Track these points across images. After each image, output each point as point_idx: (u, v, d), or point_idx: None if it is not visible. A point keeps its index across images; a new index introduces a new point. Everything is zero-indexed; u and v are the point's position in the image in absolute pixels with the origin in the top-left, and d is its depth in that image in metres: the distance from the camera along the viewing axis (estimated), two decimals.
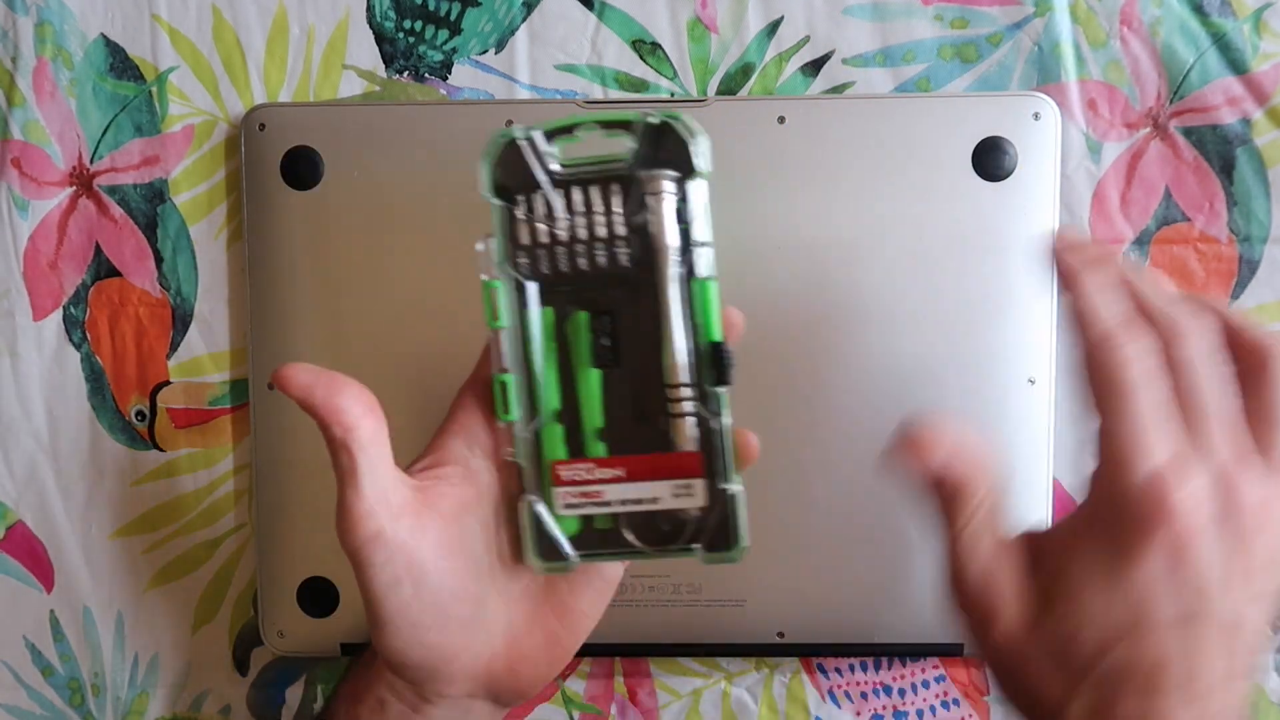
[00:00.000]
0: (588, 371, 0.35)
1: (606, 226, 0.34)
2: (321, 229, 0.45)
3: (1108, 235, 0.46)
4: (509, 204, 0.34)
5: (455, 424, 0.36)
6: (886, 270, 0.44)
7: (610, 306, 0.34)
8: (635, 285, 0.34)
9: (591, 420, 0.35)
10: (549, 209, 0.34)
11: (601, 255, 0.34)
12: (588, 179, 0.34)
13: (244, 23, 0.46)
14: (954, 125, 0.44)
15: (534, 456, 0.35)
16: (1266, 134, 0.45)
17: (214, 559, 0.48)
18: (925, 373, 0.44)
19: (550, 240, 0.34)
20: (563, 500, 0.35)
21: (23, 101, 0.47)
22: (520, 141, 0.34)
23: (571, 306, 0.35)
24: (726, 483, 0.34)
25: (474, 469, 0.35)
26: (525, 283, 0.34)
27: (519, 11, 0.46)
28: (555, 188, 0.34)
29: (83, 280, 0.48)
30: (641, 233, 0.34)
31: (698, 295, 0.34)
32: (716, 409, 0.34)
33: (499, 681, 0.36)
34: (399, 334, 0.45)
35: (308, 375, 0.33)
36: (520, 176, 0.34)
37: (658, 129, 0.33)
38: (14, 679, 0.49)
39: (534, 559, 0.35)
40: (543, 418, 0.35)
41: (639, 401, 0.35)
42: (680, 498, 0.34)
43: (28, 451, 0.48)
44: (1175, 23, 0.45)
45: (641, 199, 0.34)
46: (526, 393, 0.35)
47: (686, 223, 0.34)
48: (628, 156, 0.34)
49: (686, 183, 0.34)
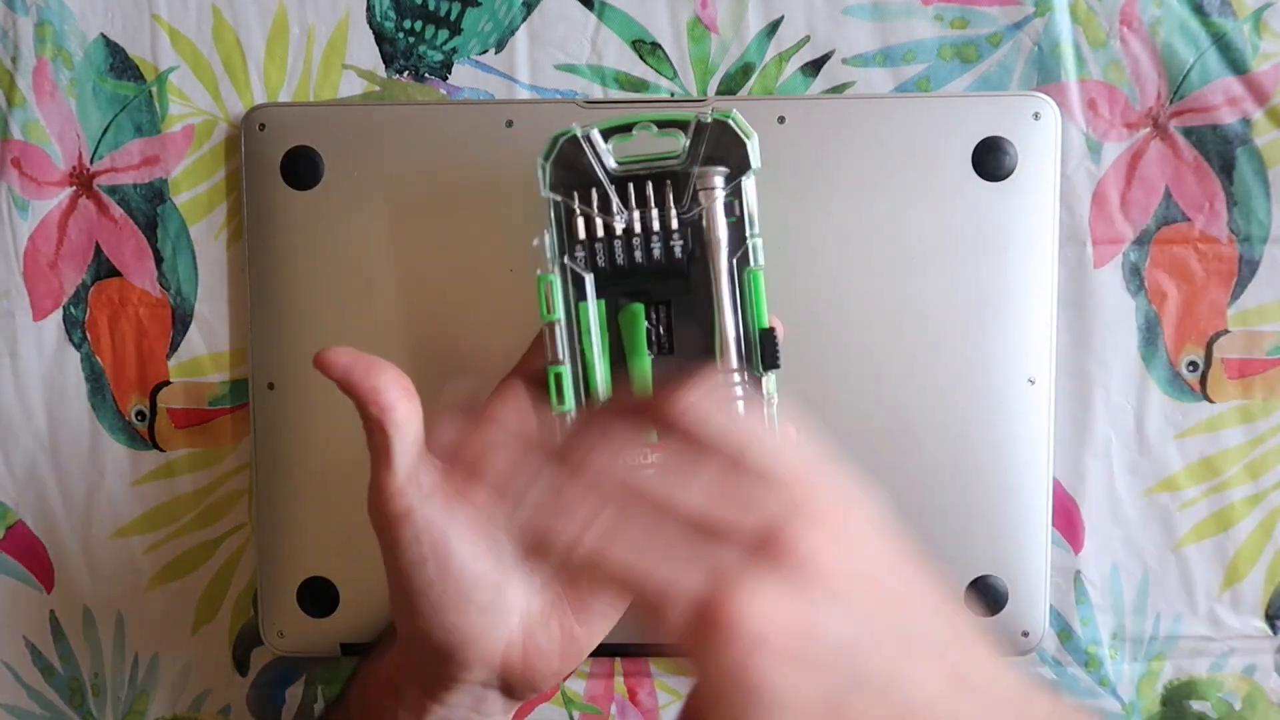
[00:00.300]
0: (642, 360, 0.36)
1: (660, 220, 0.36)
2: (321, 229, 0.45)
3: (1108, 235, 0.46)
4: (566, 199, 0.36)
5: (491, 413, 0.37)
6: (886, 270, 0.44)
7: (663, 297, 0.36)
8: (687, 277, 0.36)
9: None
10: (606, 203, 0.36)
11: (657, 248, 0.36)
12: (642, 175, 0.36)
13: (244, 23, 0.46)
14: (954, 125, 0.44)
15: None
16: (1266, 134, 0.45)
17: (214, 559, 0.48)
18: (925, 373, 0.44)
19: (606, 233, 0.36)
20: None
21: (23, 101, 0.47)
22: (580, 138, 0.36)
23: (625, 299, 0.36)
24: None
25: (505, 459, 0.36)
26: (583, 275, 0.36)
27: (519, 11, 0.46)
28: (611, 183, 0.36)
29: (83, 280, 0.48)
30: (694, 226, 0.36)
31: (749, 285, 0.36)
32: (765, 393, 0.36)
33: (513, 672, 0.36)
34: (399, 333, 0.45)
35: (348, 357, 0.35)
36: (578, 172, 0.36)
37: (714, 128, 0.35)
38: (14, 679, 0.49)
39: None
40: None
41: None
42: None
43: (28, 451, 0.48)
44: (1175, 23, 0.45)
45: (695, 194, 0.36)
46: (581, 383, 0.36)
47: (736, 216, 0.36)
48: (680, 154, 0.36)
49: (740, 179, 0.36)
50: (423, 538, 0.34)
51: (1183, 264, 0.46)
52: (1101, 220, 0.46)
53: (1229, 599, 0.47)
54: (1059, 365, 0.45)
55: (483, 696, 0.37)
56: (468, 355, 0.45)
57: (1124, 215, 0.46)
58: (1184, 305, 0.46)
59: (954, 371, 0.44)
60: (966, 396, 0.44)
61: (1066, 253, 0.46)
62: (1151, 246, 0.46)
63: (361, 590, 0.46)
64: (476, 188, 0.44)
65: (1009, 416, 0.45)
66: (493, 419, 0.37)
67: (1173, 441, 0.47)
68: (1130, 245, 0.46)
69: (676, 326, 0.36)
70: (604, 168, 0.36)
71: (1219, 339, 0.46)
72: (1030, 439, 0.45)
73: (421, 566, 0.34)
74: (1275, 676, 0.47)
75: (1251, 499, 0.46)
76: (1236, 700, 0.48)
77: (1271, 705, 0.47)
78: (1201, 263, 0.46)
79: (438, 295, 0.45)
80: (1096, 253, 0.46)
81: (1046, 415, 0.45)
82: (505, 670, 0.36)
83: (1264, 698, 0.47)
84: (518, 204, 0.44)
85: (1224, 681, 0.48)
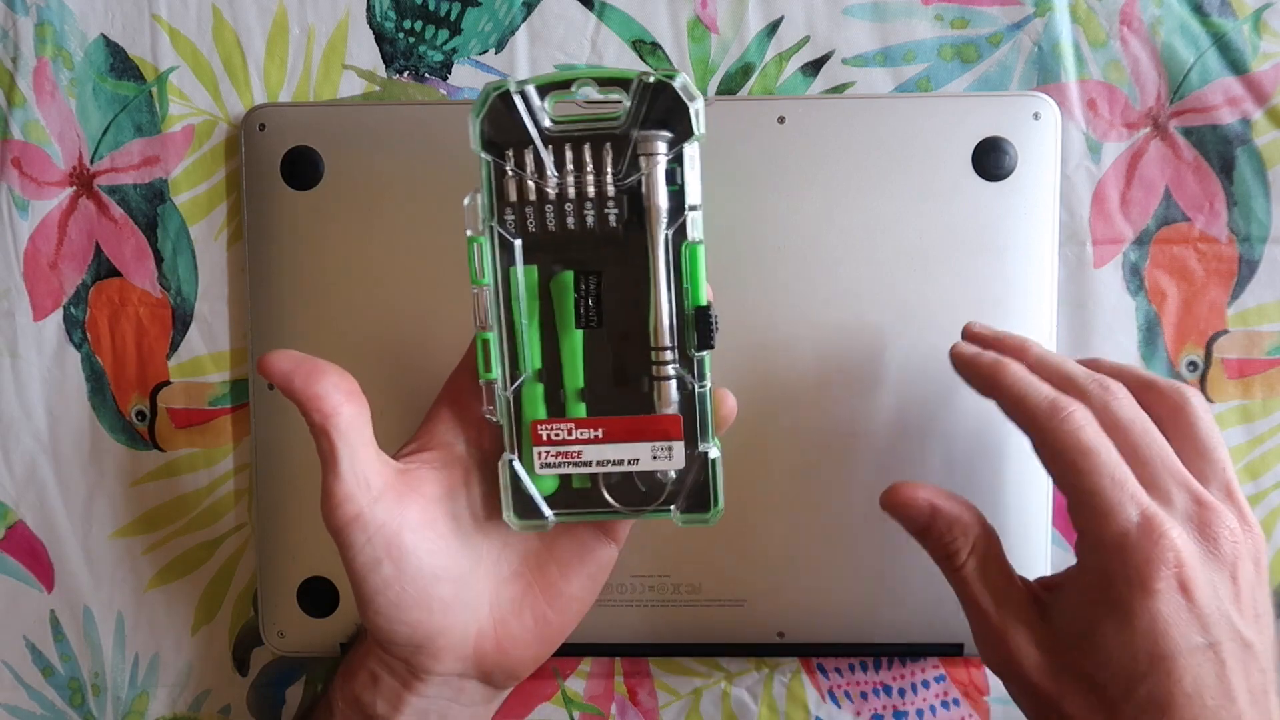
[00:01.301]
0: (571, 332, 0.35)
1: (596, 186, 0.34)
2: (321, 229, 0.45)
3: (1108, 235, 0.46)
4: (498, 158, 0.34)
5: (441, 409, 0.37)
6: (887, 270, 0.44)
7: (596, 267, 0.34)
8: (623, 247, 0.34)
9: (572, 380, 0.35)
10: (539, 165, 0.34)
11: (590, 215, 0.34)
12: (580, 137, 0.34)
13: (244, 23, 0.46)
14: (954, 125, 0.44)
15: (514, 415, 0.35)
16: (1266, 134, 0.45)
17: (214, 559, 0.49)
18: (925, 373, 0.44)
19: (538, 197, 0.34)
20: (541, 459, 0.35)
21: (23, 101, 0.47)
22: (513, 94, 0.33)
23: (557, 266, 0.35)
24: (707, 446, 0.34)
25: (459, 453, 0.36)
26: (511, 240, 0.34)
27: (519, 11, 0.46)
28: (546, 144, 0.34)
29: (83, 280, 0.48)
30: (632, 194, 0.34)
31: (686, 259, 0.34)
32: (699, 373, 0.34)
33: (488, 660, 0.36)
34: (399, 333, 0.45)
35: (288, 362, 0.34)
36: (511, 131, 0.34)
37: (655, 88, 0.33)
38: (14, 679, 0.49)
39: (512, 517, 0.35)
40: (524, 376, 0.35)
41: (620, 363, 0.35)
42: (659, 459, 0.34)
43: (28, 451, 0.48)
44: (1175, 23, 0.45)
45: (634, 159, 0.34)
46: (508, 352, 0.35)
47: (678, 185, 0.34)
48: (621, 116, 0.33)
49: (683, 145, 0.33)
50: (375, 539, 0.34)
51: (1182, 264, 0.46)
52: (1101, 220, 0.46)
53: None
54: None
55: (460, 687, 0.37)
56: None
57: (1124, 215, 0.46)
58: (1184, 305, 0.46)
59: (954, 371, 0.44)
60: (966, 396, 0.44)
61: (1066, 253, 0.46)
62: (1151, 246, 0.46)
63: None
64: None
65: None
66: (443, 415, 0.37)
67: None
68: (1130, 245, 0.46)
69: (606, 298, 0.34)
70: (538, 127, 0.34)
71: (1219, 339, 0.46)
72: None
73: (377, 568, 0.34)
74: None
75: (1251, 499, 0.46)
76: None
77: None
78: (1201, 263, 0.46)
79: (438, 295, 0.45)
80: (1096, 253, 0.46)
81: None
82: (480, 660, 0.36)
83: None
84: None
85: None
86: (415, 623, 0.35)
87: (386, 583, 0.34)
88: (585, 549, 0.37)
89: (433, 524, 0.35)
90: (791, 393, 0.45)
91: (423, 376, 0.44)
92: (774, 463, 0.45)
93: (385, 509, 0.34)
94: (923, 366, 0.44)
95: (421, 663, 0.36)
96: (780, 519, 0.45)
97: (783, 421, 0.44)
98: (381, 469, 0.35)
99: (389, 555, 0.34)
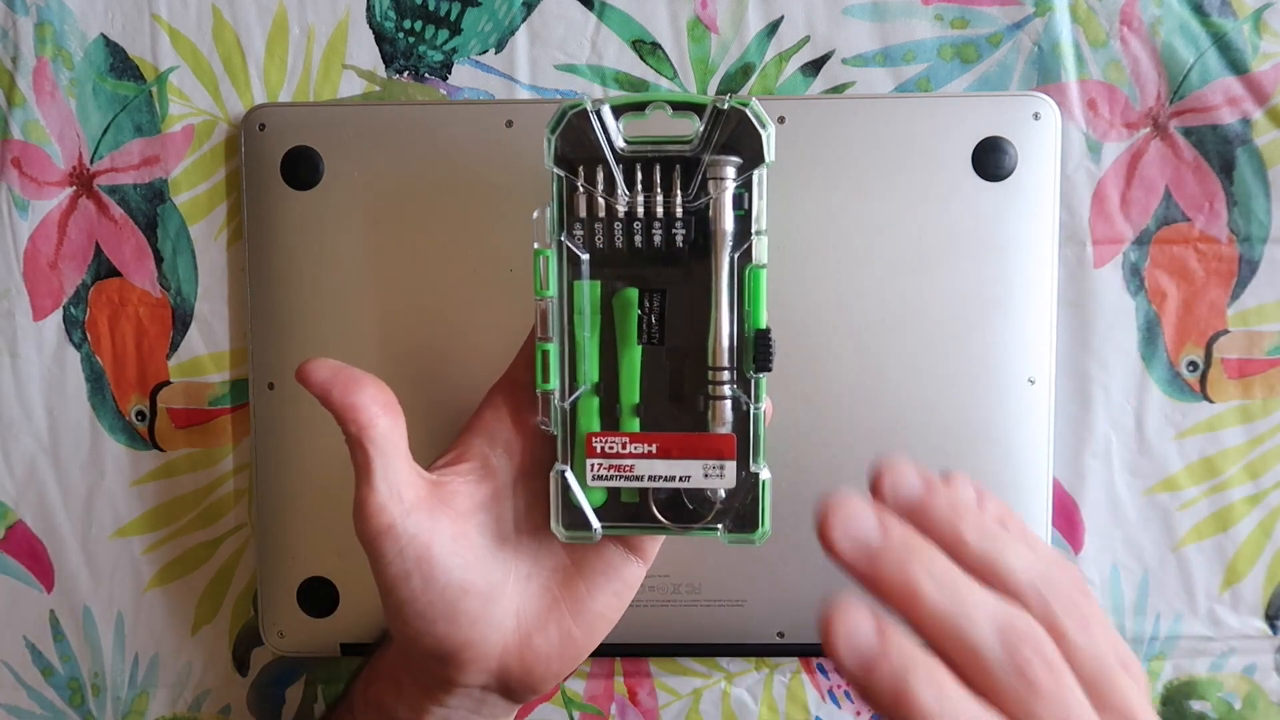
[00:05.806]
0: (631, 347, 0.35)
1: (665, 206, 0.35)
2: (321, 229, 0.45)
3: (1108, 235, 0.46)
4: (570, 174, 0.35)
5: (479, 422, 0.37)
6: (886, 270, 0.44)
7: (659, 285, 0.35)
8: (687, 267, 0.35)
9: (629, 396, 0.36)
10: (610, 183, 0.35)
11: (658, 234, 0.35)
12: (651, 157, 0.35)
13: (244, 23, 0.46)
14: (954, 125, 0.44)
15: (568, 427, 0.35)
16: (1266, 134, 0.45)
17: (214, 559, 0.49)
18: (925, 373, 0.44)
19: (608, 215, 0.35)
20: (594, 471, 0.35)
21: (23, 101, 0.47)
22: (589, 112, 0.34)
23: (620, 282, 0.35)
24: (758, 467, 0.35)
25: (493, 466, 0.36)
26: (579, 254, 0.35)
27: (519, 11, 0.46)
28: (618, 163, 0.35)
29: (83, 280, 0.48)
30: (700, 216, 0.35)
31: (750, 283, 0.34)
32: (755, 395, 0.35)
33: (511, 675, 0.36)
34: (399, 333, 0.45)
35: (327, 371, 0.34)
36: (584, 148, 0.35)
37: (731, 115, 0.34)
38: (14, 679, 0.49)
39: (559, 528, 0.36)
40: (581, 389, 0.35)
41: (677, 381, 0.35)
42: (711, 478, 0.35)
43: (28, 451, 0.48)
44: (1175, 23, 0.45)
45: (704, 182, 0.35)
46: (567, 364, 0.35)
47: (744, 209, 0.35)
48: (692, 139, 0.34)
49: (752, 171, 0.34)
50: (406, 551, 0.34)
51: (1183, 264, 0.46)
52: (1101, 220, 0.46)
53: (1229, 599, 0.47)
54: (1059, 365, 0.45)
55: (482, 699, 0.37)
56: (468, 355, 0.45)
57: (1124, 215, 0.46)
58: (1184, 305, 0.46)
59: (954, 371, 0.44)
60: (966, 396, 0.44)
61: (1066, 253, 0.46)
62: (1151, 246, 0.46)
63: (361, 590, 0.46)
64: (476, 188, 0.44)
65: (1009, 416, 0.45)
66: (480, 428, 0.37)
67: (1172, 441, 0.47)
68: (1130, 245, 0.46)
69: (669, 317, 0.35)
70: (611, 146, 0.35)
71: (1219, 339, 0.46)
72: (1030, 439, 0.45)
73: (406, 580, 0.34)
74: (1275, 676, 0.47)
75: (1251, 499, 0.46)
76: (1236, 700, 0.48)
77: (1271, 705, 0.47)
78: (1201, 263, 0.46)
79: (438, 295, 0.45)
80: (1096, 253, 0.46)
81: (1046, 415, 0.45)
82: (503, 674, 0.36)
83: (1264, 698, 0.47)
84: (518, 204, 0.44)
85: (1224, 681, 0.48)
86: (442, 635, 0.35)
87: (415, 595, 0.34)
88: (612, 567, 0.37)
89: (464, 538, 0.35)
90: (791, 392, 0.45)
91: (424, 376, 0.45)
92: (773, 462, 0.45)
93: (417, 522, 0.34)
94: (922, 366, 0.44)
95: (447, 674, 0.36)
96: (780, 519, 0.45)
97: (782, 421, 0.44)
98: (415, 481, 0.35)
99: (419, 568, 0.34)
